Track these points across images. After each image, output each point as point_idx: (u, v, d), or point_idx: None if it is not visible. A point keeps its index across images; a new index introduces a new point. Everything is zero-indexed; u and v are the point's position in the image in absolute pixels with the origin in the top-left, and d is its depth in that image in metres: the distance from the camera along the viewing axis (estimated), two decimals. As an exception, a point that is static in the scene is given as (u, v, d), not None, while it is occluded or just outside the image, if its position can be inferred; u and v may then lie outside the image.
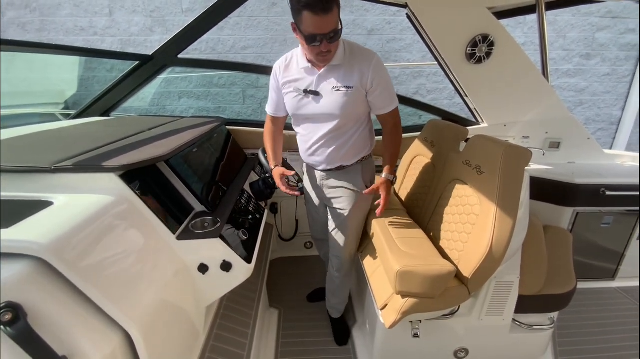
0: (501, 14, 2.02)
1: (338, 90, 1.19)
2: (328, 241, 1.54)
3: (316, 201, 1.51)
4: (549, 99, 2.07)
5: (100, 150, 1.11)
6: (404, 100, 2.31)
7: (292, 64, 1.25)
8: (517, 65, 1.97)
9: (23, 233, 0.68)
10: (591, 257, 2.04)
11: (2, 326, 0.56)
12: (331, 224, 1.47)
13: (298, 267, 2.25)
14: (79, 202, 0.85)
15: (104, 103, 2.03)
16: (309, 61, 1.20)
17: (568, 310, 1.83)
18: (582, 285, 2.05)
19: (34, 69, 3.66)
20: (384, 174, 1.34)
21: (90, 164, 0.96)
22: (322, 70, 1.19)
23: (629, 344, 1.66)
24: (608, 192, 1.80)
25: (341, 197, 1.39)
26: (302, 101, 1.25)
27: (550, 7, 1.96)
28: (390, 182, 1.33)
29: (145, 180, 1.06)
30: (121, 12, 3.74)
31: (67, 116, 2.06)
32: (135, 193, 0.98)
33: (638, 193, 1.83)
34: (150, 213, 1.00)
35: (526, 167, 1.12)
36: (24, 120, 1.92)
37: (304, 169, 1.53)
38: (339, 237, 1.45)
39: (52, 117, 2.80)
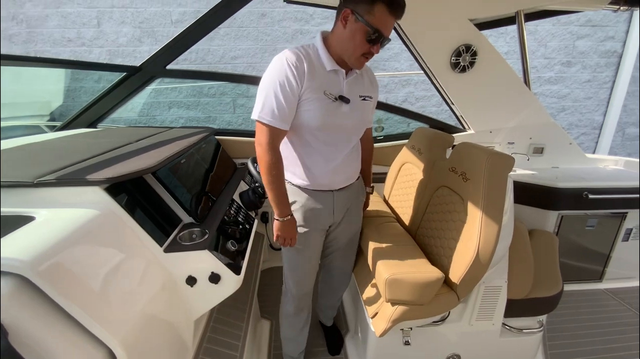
0: (482, 25, 2.09)
1: (364, 99, 1.12)
2: (323, 282, 1.52)
3: (320, 236, 1.25)
4: (531, 105, 2.13)
5: (85, 162, 1.10)
6: (392, 108, 2.36)
7: (316, 65, 1.02)
8: (499, 73, 2.03)
9: (4, 250, 0.67)
10: (578, 259, 2.08)
11: None
12: (338, 246, 1.33)
13: None
14: (62, 217, 0.84)
15: (91, 114, 2.01)
16: (338, 63, 1.05)
17: (557, 312, 1.86)
18: (570, 287, 2.09)
19: (19, 80, 3.61)
20: (367, 189, 1.39)
21: (74, 178, 0.95)
22: (350, 76, 1.08)
23: (618, 346, 1.68)
24: (591, 196, 1.84)
25: (353, 214, 1.30)
26: (335, 109, 1.05)
27: (529, 18, 2.04)
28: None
29: (131, 192, 1.05)
30: (109, 23, 3.74)
31: (53, 128, 2.03)
32: (121, 206, 0.97)
33: (620, 196, 1.89)
34: (137, 226, 0.99)
35: (511, 173, 1.15)
36: (8, 133, 1.88)
37: (299, 200, 1.17)
38: (350, 255, 1.41)
39: (37, 130, 2.75)
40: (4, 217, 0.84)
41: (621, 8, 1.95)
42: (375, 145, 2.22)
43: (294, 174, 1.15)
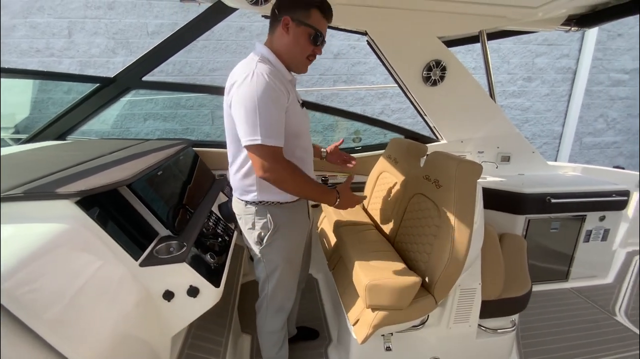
0: (451, 42, 2.23)
1: (302, 102, 1.19)
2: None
3: (304, 239, 1.28)
4: (497, 117, 2.28)
5: (55, 175, 1.06)
6: (369, 120, 2.44)
7: (282, 78, 1.04)
8: (467, 87, 2.17)
9: None
10: (545, 260, 2.20)
11: None
12: (307, 247, 1.40)
13: None
14: (29, 233, 0.80)
15: (60, 126, 1.93)
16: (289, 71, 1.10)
17: (528, 312, 1.95)
18: (539, 287, 2.19)
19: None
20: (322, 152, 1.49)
21: (43, 192, 0.91)
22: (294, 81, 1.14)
23: (585, 342, 1.78)
24: (553, 200, 1.98)
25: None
26: (303, 114, 1.12)
27: (491, 37, 2.20)
28: None
29: (105, 206, 1.02)
30: (81, 33, 3.64)
31: (18, 141, 1.93)
32: (94, 220, 0.94)
33: (579, 200, 2.04)
34: (111, 240, 0.96)
35: (481, 180, 1.22)
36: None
37: (287, 219, 1.16)
38: (309, 254, 1.48)
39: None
40: None
41: (572, 29, 2.16)
42: (354, 155, 2.29)
43: (276, 192, 1.09)
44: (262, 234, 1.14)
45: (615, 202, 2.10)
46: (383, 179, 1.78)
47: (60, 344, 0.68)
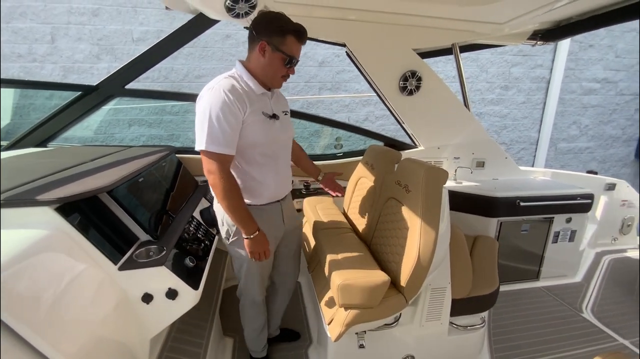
0: (427, 54, 2.35)
1: (286, 114, 1.32)
2: (274, 293, 1.59)
3: (273, 248, 1.35)
4: (471, 125, 2.40)
5: (35, 183, 1.09)
6: (350, 127, 2.53)
7: (248, 92, 1.15)
8: (442, 96, 2.28)
9: None
10: (517, 261, 2.31)
11: None
12: (288, 252, 1.48)
13: None
14: (8, 239, 0.83)
15: (42, 133, 1.93)
16: (262, 86, 1.19)
17: (500, 310, 2.05)
18: (511, 287, 2.30)
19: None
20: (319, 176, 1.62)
21: (22, 199, 0.94)
22: (272, 97, 1.25)
23: (555, 337, 1.88)
24: (522, 203, 2.09)
25: (297, 221, 1.48)
26: (271, 126, 1.20)
27: (463, 49, 2.33)
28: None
29: (85, 212, 1.05)
30: (65, 39, 3.63)
31: (-2, 147, 1.92)
32: (73, 226, 0.97)
33: (546, 203, 2.16)
34: (90, 245, 0.99)
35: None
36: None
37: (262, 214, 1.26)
38: (298, 259, 1.56)
39: (-22, 149, 2.56)
40: None
41: (538, 43, 2.31)
42: (335, 161, 2.37)
43: (246, 194, 1.22)
44: (229, 230, 1.27)
45: (580, 205, 2.24)
46: (361, 185, 1.86)
47: (41, 345, 0.72)
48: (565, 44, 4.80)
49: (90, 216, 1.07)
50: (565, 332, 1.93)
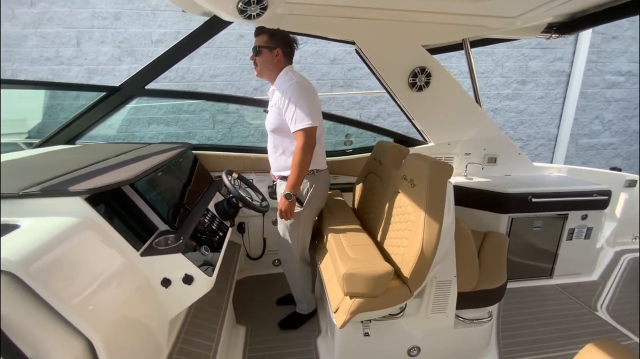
0: (435, 50, 2.34)
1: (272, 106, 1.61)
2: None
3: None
4: (482, 120, 2.38)
5: (67, 176, 1.19)
6: (360, 124, 2.57)
7: None
8: (452, 92, 2.27)
9: None
10: (529, 258, 2.29)
11: None
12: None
13: (266, 285, 2.31)
14: (46, 225, 0.93)
15: (70, 131, 2.08)
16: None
17: (511, 306, 2.04)
18: (524, 284, 2.28)
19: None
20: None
21: (57, 189, 1.04)
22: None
23: (566, 334, 1.86)
24: (534, 199, 2.07)
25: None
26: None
27: (474, 44, 2.31)
28: (285, 197, 1.53)
29: (110, 203, 1.15)
30: (89, 42, 3.82)
31: (31, 145, 2.08)
32: (101, 215, 1.07)
33: (560, 199, 2.13)
34: (115, 233, 1.08)
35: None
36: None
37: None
38: None
39: (14, 147, 2.76)
40: None
41: (553, 36, 2.26)
42: (345, 157, 2.41)
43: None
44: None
45: (596, 201, 2.19)
46: (370, 180, 1.90)
47: (72, 318, 0.81)
48: (586, 36, 4.62)
49: (115, 206, 1.16)
50: (577, 329, 1.91)
